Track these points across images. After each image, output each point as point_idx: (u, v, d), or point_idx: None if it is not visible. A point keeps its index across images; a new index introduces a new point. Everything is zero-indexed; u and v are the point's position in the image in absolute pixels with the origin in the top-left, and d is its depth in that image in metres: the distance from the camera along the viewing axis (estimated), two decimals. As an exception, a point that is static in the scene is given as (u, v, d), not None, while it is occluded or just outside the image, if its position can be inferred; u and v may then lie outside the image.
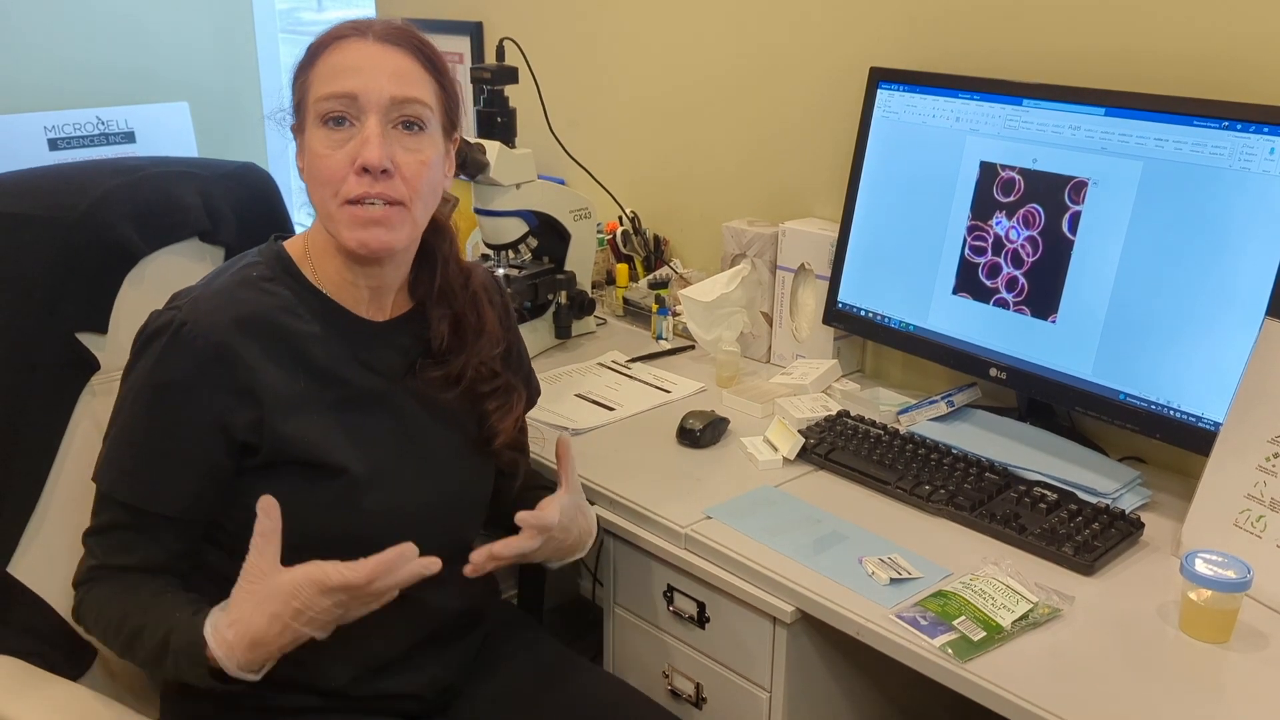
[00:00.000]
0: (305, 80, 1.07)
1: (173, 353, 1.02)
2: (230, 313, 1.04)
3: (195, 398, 1.02)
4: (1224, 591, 1.03)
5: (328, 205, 1.05)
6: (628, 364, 1.76)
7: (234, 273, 1.09)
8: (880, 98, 1.58)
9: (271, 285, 1.09)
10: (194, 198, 1.25)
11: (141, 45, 3.24)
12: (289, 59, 3.77)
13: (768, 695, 1.20)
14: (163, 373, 1.02)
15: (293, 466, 1.05)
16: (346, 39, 1.06)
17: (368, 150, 1.02)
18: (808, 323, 1.72)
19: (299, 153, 1.09)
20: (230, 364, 1.03)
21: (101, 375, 1.19)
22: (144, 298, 1.21)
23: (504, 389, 1.20)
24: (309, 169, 1.07)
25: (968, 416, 1.51)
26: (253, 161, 1.35)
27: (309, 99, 1.06)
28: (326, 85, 1.04)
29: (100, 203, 1.17)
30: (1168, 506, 1.30)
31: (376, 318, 1.14)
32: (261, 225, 1.32)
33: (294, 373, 1.06)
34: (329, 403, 1.08)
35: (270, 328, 1.06)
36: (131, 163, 1.25)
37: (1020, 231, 1.41)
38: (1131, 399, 1.31)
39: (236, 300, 1.06)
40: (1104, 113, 1.32)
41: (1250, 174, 1.21)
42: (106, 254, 1.18)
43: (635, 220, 2.03)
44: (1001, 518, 1.23)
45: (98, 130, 2.92)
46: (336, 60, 1.05)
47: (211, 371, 1.02)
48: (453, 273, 1.18)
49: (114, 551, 1.05)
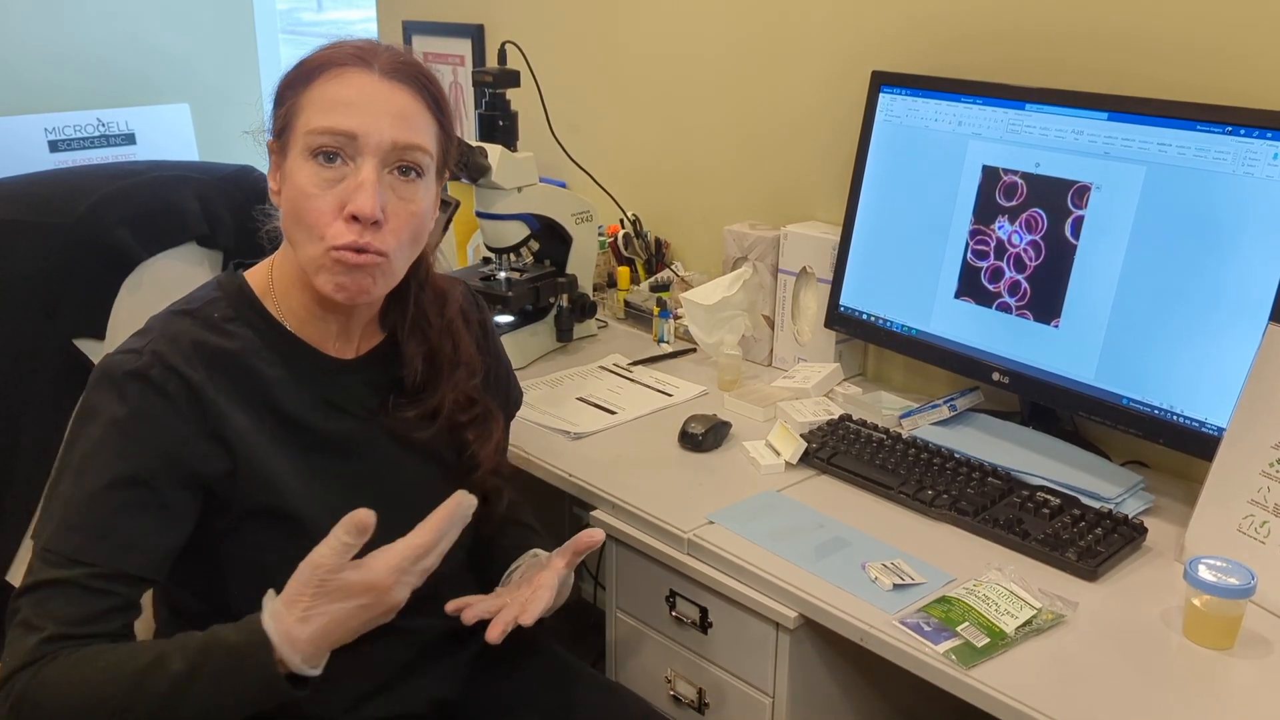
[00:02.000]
0: (296, 101, 1.00)
1: (142, 397, 0.95)
2: (192, 355, 0.98)
3: (168, 441, 0.96)
4: (1228, 598, 1.03)
5: (309, 248, 0.98)
6: (629, 367, 1.76)
7: (193, 312, 1.03)
8: (882, 101, 1.57)
9: (234, 326, 1.03)
10: (192, 202, 1.25)
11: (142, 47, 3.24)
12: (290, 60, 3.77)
13: (770, 701, 1.20)
14: (131, 418, 0.95)
15: (261, 519, 1.01)
16: (348, 68, 0.99)
17: (361, 198, 0.95)
18: (809, 326, 1.72)
19: (273, 172, 1.02)
20: (200, 407, 0.97)
21: None
22: (142, 303, 1.21)
23: (482, 416, 1.15)
24: (291, 204, 0.99)
25: (970, 421, 1.50)
26: (250, 165, 1.34)
27: (298, 124, 0.99)
28: (323, 117, 0.97)
29: (97, 208, 1.16)
30: (1171, 511, 1.30)
31: (345, 354, 1.09)
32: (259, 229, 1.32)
33: (261, 419, 1.01)
34: (296, 449, 1.03)
35: (234, 371, 1.00)
36: (128, 167, 1.25)
37: (1023, 236, 1.41)
38: (1135, 404, 1.31)
39: (198, 341, 1.00)
40: (1107, 117, 1.32)
41: (1253, 179, 1.20)
42: (104, 259, 1.17)
43: (637, 223, 2.03)
44: (1004, 523, 1.23)
45: (98, 132, 2.92)
46: (336, 91, 0.98)
47: (183, 414, 0.97)
48: (427, 300, 1.12)
49: (75, 621, 0.91)
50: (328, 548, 0.93)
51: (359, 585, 0.93)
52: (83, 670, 0.90)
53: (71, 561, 0.92)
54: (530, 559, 1.19)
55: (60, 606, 0.92)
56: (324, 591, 0.93)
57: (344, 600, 0.93)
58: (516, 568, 1.19)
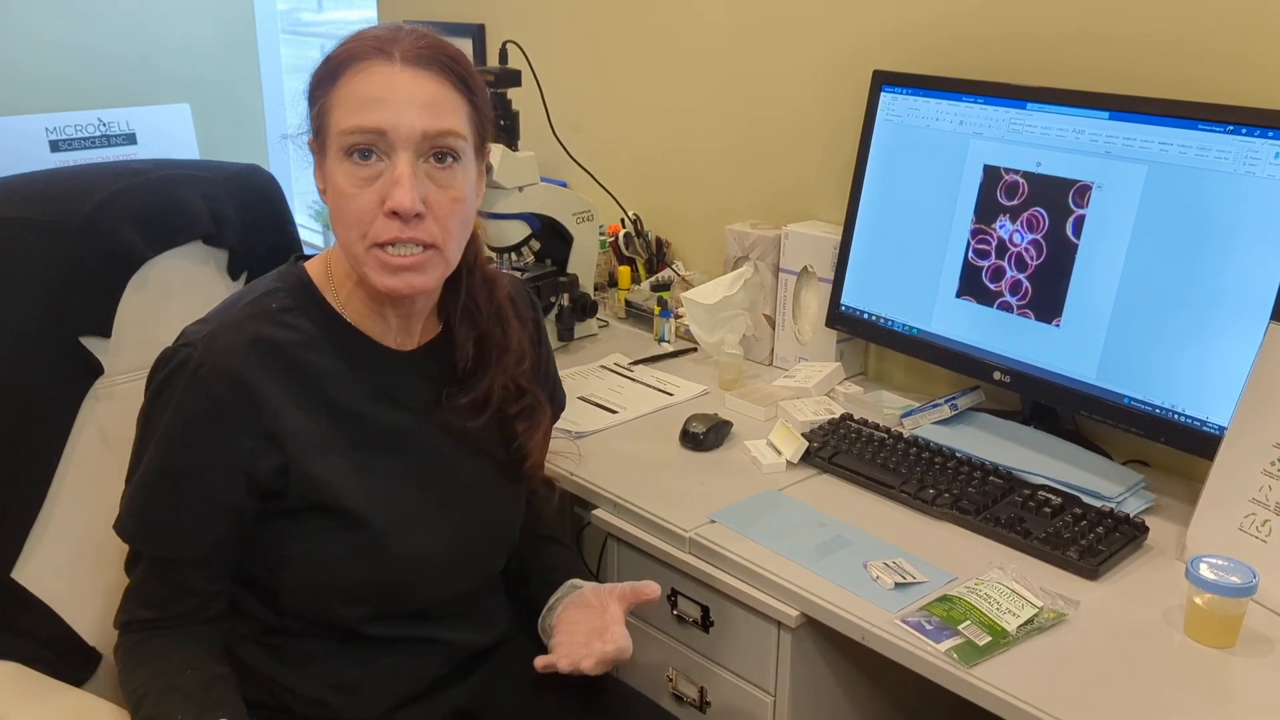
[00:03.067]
0: (326, 101, 0.99)
1: (190, 395, 0.97)
2: (247, 350, 0.99)
3: (216, 441, 0.98)
4: (1229, 596, 1.03)
5: (354, 247, 0.99)
6: (630, 366, 1.76)
7: (251, 302, 1.03)
8: (883, 101, 1.57)
9: (291, 317, 1.03)
10: (198, 201, 1.24)
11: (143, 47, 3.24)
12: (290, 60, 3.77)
13: (772, 700, 1.20)
14: (180, 417, 0.98)
15: (317, 512, 1.02)
16: (370, 62, 0.98)
17: (399, 193, 0.95)
18: (810, 325, 1.72)
19: (317, 171, 1.03)
20: (251, 405, 0.98)
21: (105, 380, 1.18)
22: (147, 301, 1.21)
23: (531, 408, 1.15)
24: (334, 204, 1.00)
25: (971, 420, 1.51)
26: (256, 164, 1.35)
27: (330, 125, 0.99)
28: (351, 117, 0.97)
29: (103, 206, 1.16)
30: (1172, 510, 1.30)
31: (405, 346, 1.09)
32: (265, 228, 1.32)
33: (316, 414, 1.01)
34: (352, 444, 1.03)
35: (290, 365, 1.00)
36: (135, 166, 1.24)
37: (1024, 235, 1.41)
38: (1136, 403, 1.31)
39: (254, 335, 0.99)
40: (1108, 116, 1.32)
41: (1255, 178, 1.20)
42: (110, 258, 1.17)
43: (638, 223, 2.03)
44: (1005, 521, 1.23)
45: (99, 132, 2.92)
46: (361, 88, 0.97)
47: (232, 414, 0.98)
48: (476, 284, 1.12)
49: (142, 605, 1.03)
50: None
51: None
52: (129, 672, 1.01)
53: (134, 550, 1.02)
54: (569, 590, 1.18)
55: (135, 590, 1.03)
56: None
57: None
58: (557, 601, 1.18)
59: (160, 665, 1.00)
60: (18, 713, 1.02)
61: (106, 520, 1.16)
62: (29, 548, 1.11)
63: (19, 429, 1.10)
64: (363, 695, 1.08)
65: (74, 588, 1.13)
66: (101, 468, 1.17)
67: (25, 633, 1.10)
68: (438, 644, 1.06)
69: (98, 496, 1.16)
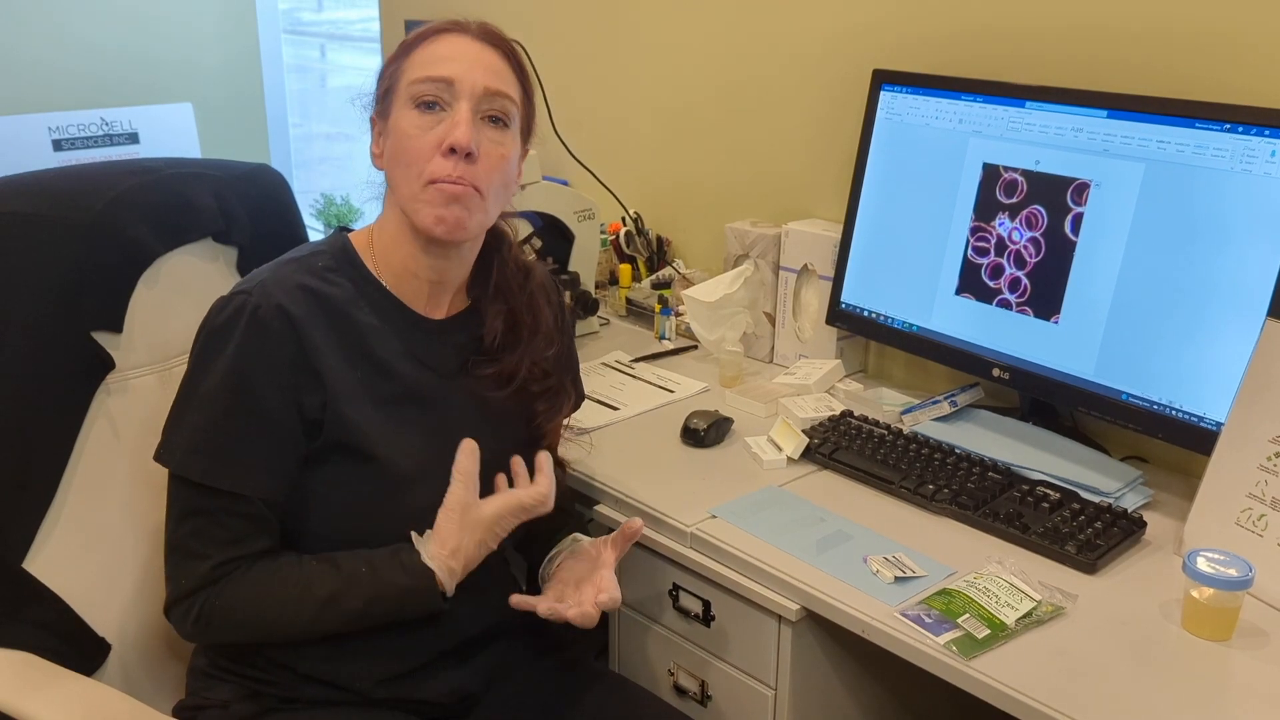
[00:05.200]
0: (397, 69, 1.10)
1: (252, 335, 1.04)
2: (298, 296, 1.06)
3: (277, 377, 1.04)
4: (1226, 590, 1.04)
5: (411, 185, 1.07)
6: (631, 364, 1.77)
7: (298, 259, 1.11)
8: (883, 99, 1.58)
9: (334, 276, 1.11)
10: (208, 199, 1.26)
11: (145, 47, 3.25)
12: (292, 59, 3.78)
13: (773, 693, 1.21)
14: (246, 355, 1.03)
15: (343, 455, 1.08)
16: (446, 32, 1.10)
17: (458, 131, 1.05)
18: (811, 323, 1.73)
19: (376, 140, 1.12)
20: (301, 344, 1.05)
21: (116, 374, 1.19)
22: (158, 298, 1.22)
23: (554, 390, 1.23)
24: (394, 149, 1.08)
25: (971, 416, 1.51)
26: (265, 163, 1.36)
27: (400, 83, 1.09)
28: (423, 70, 1.07)
29: (116, 203, 1.18)
30: (1170, 505, 1.31)
31: (434, 315, 1.16)
32: (274, 226, 1.34)
33: (353, 362, 1.08)
34: (383, 396, 1.10)
35: (332, 315, 1.08)
36: (147, 163, 1.26)
37: (1023, 233, 1.42)
38: (1133, 399, 1.32)
39: (300, 284, 1.08)
40: (1106, 115, 1.33)
41: (1252, 176, 1.21)
42: (122, 254, 1.18)
43: (638, 221, 2.04)
44: (1004, 517, 1.24)
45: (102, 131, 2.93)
46: (434, 50, 1.09)
47: (287, 350, 1.04)
48: (510, 270, 1.20)
49: (230, 543, 1.05)
50: (459, 486, 1.07)
51: (488, 518, 1.08)
52: (261, 597, 1.05)
53: (204, 488, 1.04)
54: (570, 543, 1.24)
55: (215, 532, 1.05)
56: (465, 526, 1.07)
57: (474, 533, 1.07)
58: (558, 553, 1.23)
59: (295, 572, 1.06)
60: (30, 701, 1.03)
61: (118, 512, 1.17)
62: (40, 539, 1.12)
63: (32, 422, 1.11)
64: (362, 664, 1.11)
65: (85, 579, 1.14)
66: (112, 460, 1.18)
67: (36, 622, 1.11)
68: (441, 619, 1.09)
69: (109, 489, 1.17)
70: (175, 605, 1.06)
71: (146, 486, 1.20)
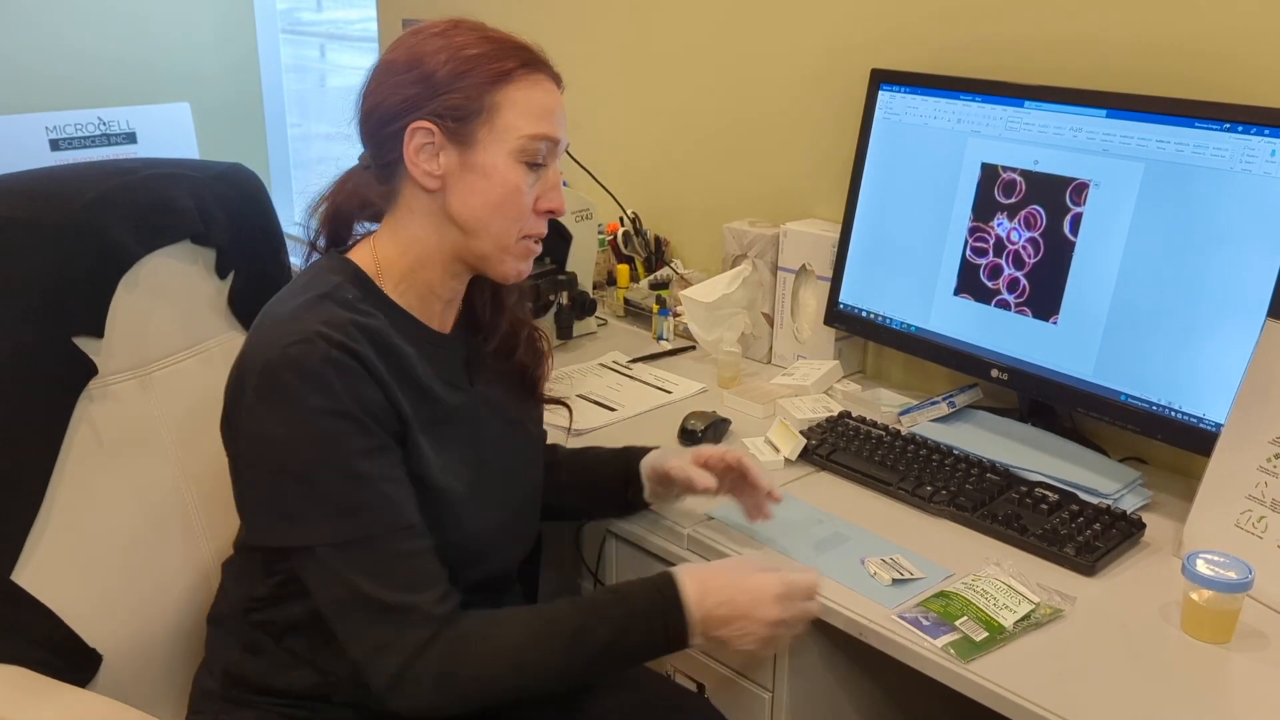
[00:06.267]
0: (489, 98, 1.03)
1: (338, 379, 0.96)
2: (354, 333, 0.99)
3: (372, 409, 0.98)
4: (1225, 592, 1.03)
5: (505, 237, 1.06)
6: (629, 365, 1.76)
7: (326, 295, 1.03)
8: (881, 99, 1.58)
9: (364, 305, 1.04)
10: (187, 199, 1.24)
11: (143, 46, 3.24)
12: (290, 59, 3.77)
13: (770, 695, 1.21)
14: (336, 401, 0.96)
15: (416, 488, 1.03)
16: (540, 74, 1.07)
17: (558, 198, 1.08)
18: (809, 324, 1.73)
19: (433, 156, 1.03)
20: (376, 376, 0.99)
21: (98, 380, 1.17)
22: (138, 301, 1.20)
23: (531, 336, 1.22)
24: (492, 197, 1.04)
25: (969, 417, 1.51)
26: (240, 163, 1.34)
27: (499, 123, 1.03)
28: (536, 124, 1.05)
29: (95, 205, 1.15)
30: (1169, 507, 1.30)
31: (444, 330, 1.14)
32: (252, 227, 1.30)
33: (406, 391, 1.03)
34: (428, 421, 1.06)
35: (380, 347, 1.02)
36: (124, 164, 1.23)
37: (1021, 233, 1.42)
38: (1132, 400, 1.31)
39: (351, 321, 1.01)
40: (1105, 114, 1.33)
41: (1251, 175, 1.21)
42: (102, 257, 1.16)
43: (636, 221, 2.03)
44: (1003, 518, 1.24)
45: (99, 131, 2.92)
46: (540, 97, 1.06)
47: (370, 383, 0.99)
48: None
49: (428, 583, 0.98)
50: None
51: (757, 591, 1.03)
52: (502, 639, 0.99)
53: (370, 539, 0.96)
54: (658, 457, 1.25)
55: (407, 578, 0.97)
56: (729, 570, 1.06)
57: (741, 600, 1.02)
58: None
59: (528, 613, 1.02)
60: (26, 714, 1.01)
61: (104, 522, 1.15)
62: (28, 550, 1.10)
63: (14, 430, 1.09)
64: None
65: (74, 590, 1.12)
66: (97, 469, 1.16)
67: (26, 635, 1.09)
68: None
69: (94, 498, 1.15)
70: (406, 672, 0.95)
71: (131, 495, 1.19)
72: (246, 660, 1.10)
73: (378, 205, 1.10)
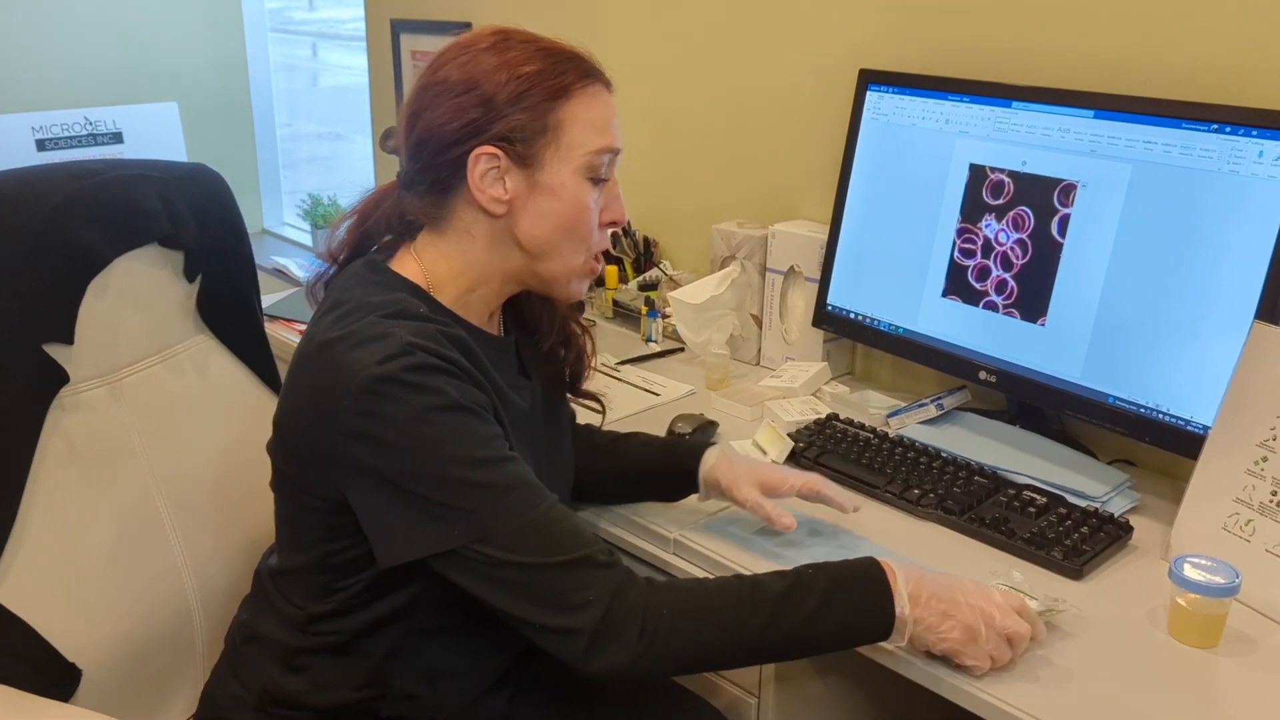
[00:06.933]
0: (552, 115, 1.01)
1: (440, 376, 0.94)
2: (443, 338, 0.97)
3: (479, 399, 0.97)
4: (1212, 596, 1.03)
5: (574, 257, 1.05)
6: (617, 366, 1.75)
7: (402, 311, 0.99)
8: (869, 99, 1.57)
9: (435, 316, 1.01)
10: (155, 201, 1.21)
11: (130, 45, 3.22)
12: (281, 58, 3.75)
13: (756, 701, 1.20)
14: (447, 396, 0.94)
15: None
16: (597, 84, 1.07)
17: (619, 208, 1.07)
18: (797, 325, 1.72)
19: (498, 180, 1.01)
20: (476, 384, 0.98)
21: (70, 389, 1.14)
22: (108, 306, 1.17)
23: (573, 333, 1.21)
24: (565, 218, 1.03)
25: (957, 420, 1.50)
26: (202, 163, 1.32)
27: (564, 140, 1.01)
28: (600, 138, 1.04)
29: (63, 208, 1.13)
30: (1157, 509, 1.30)
31: (496, 332, 1.13)
32: (219, 228, 1.28)
33: (495, 395, 1.02)
34: (510, 423, 1.03)
35: (470, 353, 1.00)
36: (89, 166, 1.20)
37: (1009, 234, 1.41)
38: (1120, 402, 1.31)
39: (437, 331, 0.98)
40: (1093, 115, 1.32)
41: (1239, 176, 1.20)
42: (71, 262, 1.13)
43: (625, 222, 2.02)
44: (990, 522, 1.23)
45: (85, 131, 2.90)
46: (599, 110, 1.05)
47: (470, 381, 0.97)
48: None
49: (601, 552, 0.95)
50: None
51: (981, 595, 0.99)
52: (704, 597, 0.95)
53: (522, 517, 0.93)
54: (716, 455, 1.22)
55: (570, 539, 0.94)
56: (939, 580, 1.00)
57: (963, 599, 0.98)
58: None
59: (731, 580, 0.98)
60: None
61: (78, 533, 1.12)
62: (2, 565, 1.07)
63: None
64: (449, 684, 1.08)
65: (51, 604, 1.10)
66: (70, 480, 1.14)
67: (3, 651, 1.07)
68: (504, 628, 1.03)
69: (69, 509, 1.13)
70: (610, 618, 0.91)
71: (105, 506, 1.17)
72: (287, 678, 1.07)
73: (420, 222, 1.07)
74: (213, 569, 1.26)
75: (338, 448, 0.95)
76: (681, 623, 0.93)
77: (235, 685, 1.11)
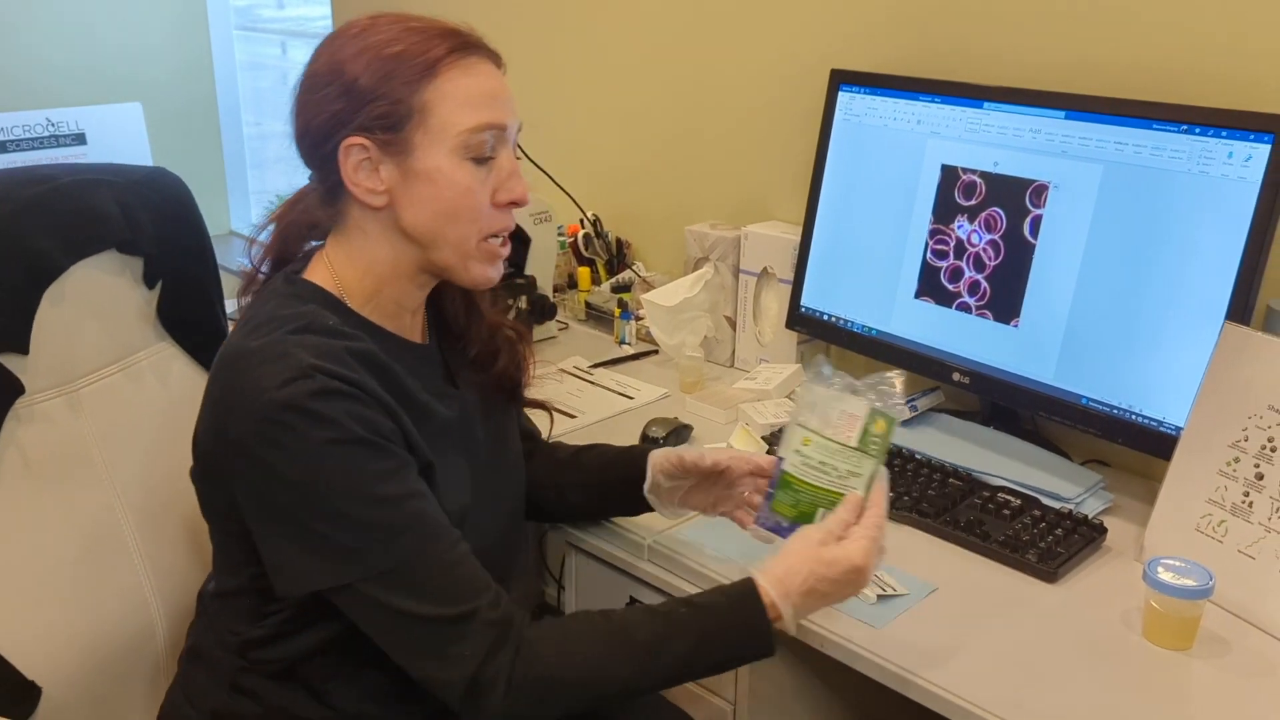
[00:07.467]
0: (417, 97, 0.95)
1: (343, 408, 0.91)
2: (350, 359, 0.94)
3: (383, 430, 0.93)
4: (1186, 599, 1.03)
5: (465, 243, 0.99)
6: (590, 369, 1.74)
7: (310, 326, 0.96)
8: (841, 100, 1.56)
9: (349, 328, 0.98)
10: (112, 206, 1.18)
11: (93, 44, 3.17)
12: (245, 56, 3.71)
13: (731, 706, 1.19)
14: (347, 429, 0.90)
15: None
16: (472, 57, 0.98)
17: (518, 185, 1.00)
18: (771, 327, 1.71)
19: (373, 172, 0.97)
20: (383, 406, 0.94)
21: (25, 400, 1.11)
22: (64, 315, 1.14)
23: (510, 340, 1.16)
24: (442, 203, 0.97)
25: (931, 421, 1.50)
26: (163, 167, 1.29)
27: (433, 122, 0.96)
28: (474, 114, 0.96)
29: (17, 216, 1.10)
30: (1131, 510, 1.30)
31: (418, 340, 1.08)
32: (179, 233, 1.25)
33: (408, 411, 0.98)
34: (431, 437, 1.00)
35: (379, 369, 0.96)
36: (43, 172, 1.17)
37: (982, 235, 1.41)
38: (1093, 403, 1.31)
39: (344, 349, 0.94)
40: (1064, 116, 1.32)
41: (1209, 177, 1.20)
42: (27, 269, 1.10)
43: (597, 223, 2.01)
44: (965, 525, 1.23)
45: (48, 132, 2.84)
46: (474, 84, 0.97)
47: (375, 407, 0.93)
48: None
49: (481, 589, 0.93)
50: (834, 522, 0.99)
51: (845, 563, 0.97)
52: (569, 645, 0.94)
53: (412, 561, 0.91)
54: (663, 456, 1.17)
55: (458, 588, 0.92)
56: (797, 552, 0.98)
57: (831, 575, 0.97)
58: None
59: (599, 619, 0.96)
60: None
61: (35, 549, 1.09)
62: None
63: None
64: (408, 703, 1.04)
65: (10, 620, 1.07)
66: (26, 493, 1.11)
67: None
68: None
69: (27, 524, 1.10)
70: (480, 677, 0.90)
71: (63, 520, 1.14)
72: (237, 701, 1.04)
73: (326, 225, 1.04)
74: (175, 583, 1.23)
75: (237, 470, 0.94)
76: (552, 682, 0.93)
77: (187, 708, 1.09)
